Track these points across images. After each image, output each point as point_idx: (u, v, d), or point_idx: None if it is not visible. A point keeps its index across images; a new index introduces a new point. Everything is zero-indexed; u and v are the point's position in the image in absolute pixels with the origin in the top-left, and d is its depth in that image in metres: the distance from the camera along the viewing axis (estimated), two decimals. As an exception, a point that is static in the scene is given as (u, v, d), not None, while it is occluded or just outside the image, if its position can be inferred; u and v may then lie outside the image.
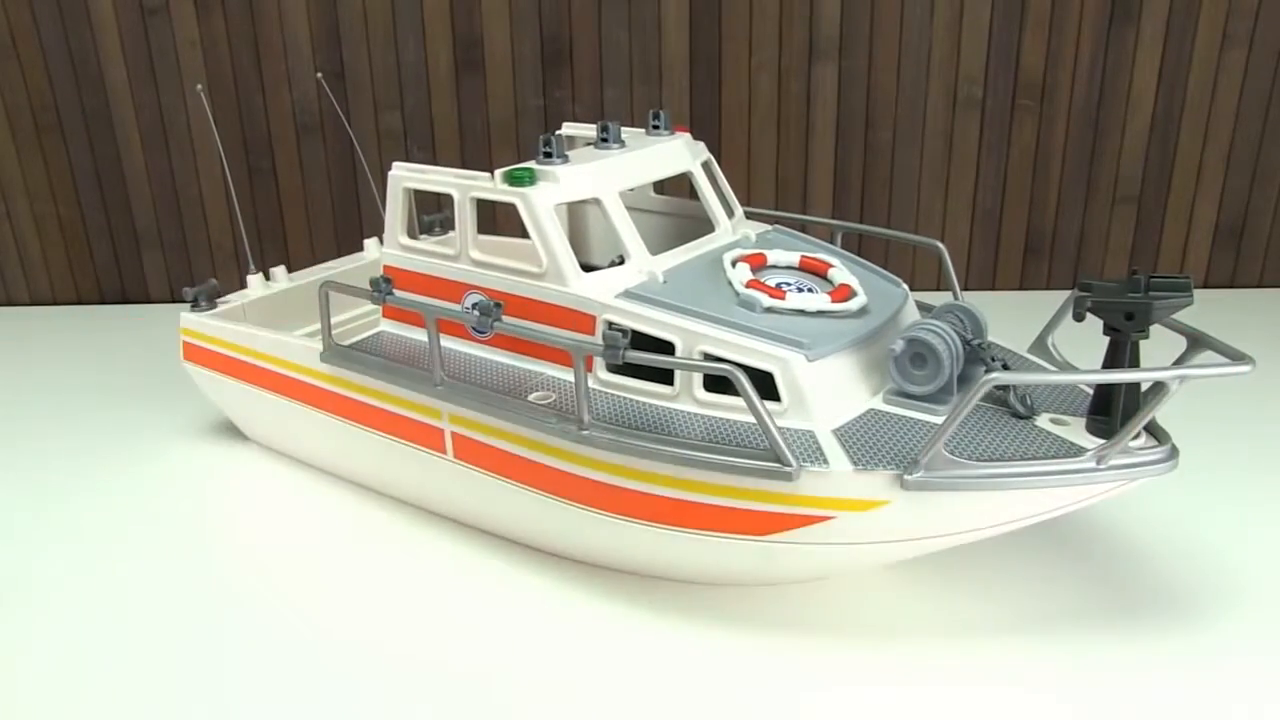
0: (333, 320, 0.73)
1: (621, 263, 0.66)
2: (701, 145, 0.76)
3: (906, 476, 0.53)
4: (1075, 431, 0.57)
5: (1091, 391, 0.58)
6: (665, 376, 0.61)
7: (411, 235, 0.74)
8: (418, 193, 0.73)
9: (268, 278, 0.89)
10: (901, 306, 0.65)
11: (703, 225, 0.73)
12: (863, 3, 1.11)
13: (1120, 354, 0.56)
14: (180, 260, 1.24)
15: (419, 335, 0.73)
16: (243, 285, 0.88)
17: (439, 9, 1.13)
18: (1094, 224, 1.18)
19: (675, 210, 0.81)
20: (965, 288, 1.19)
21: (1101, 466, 0.53)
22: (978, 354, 0.61)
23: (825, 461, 0.54)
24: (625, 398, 0.63)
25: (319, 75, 1.13)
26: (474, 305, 0.69)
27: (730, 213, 0.74)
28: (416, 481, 0.73)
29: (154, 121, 1.17)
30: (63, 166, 1.19)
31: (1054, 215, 1.18)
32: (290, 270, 0.91)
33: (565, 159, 0.67)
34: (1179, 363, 0.56)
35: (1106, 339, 0.56)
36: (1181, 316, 0.56)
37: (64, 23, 1.13)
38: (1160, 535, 0.69)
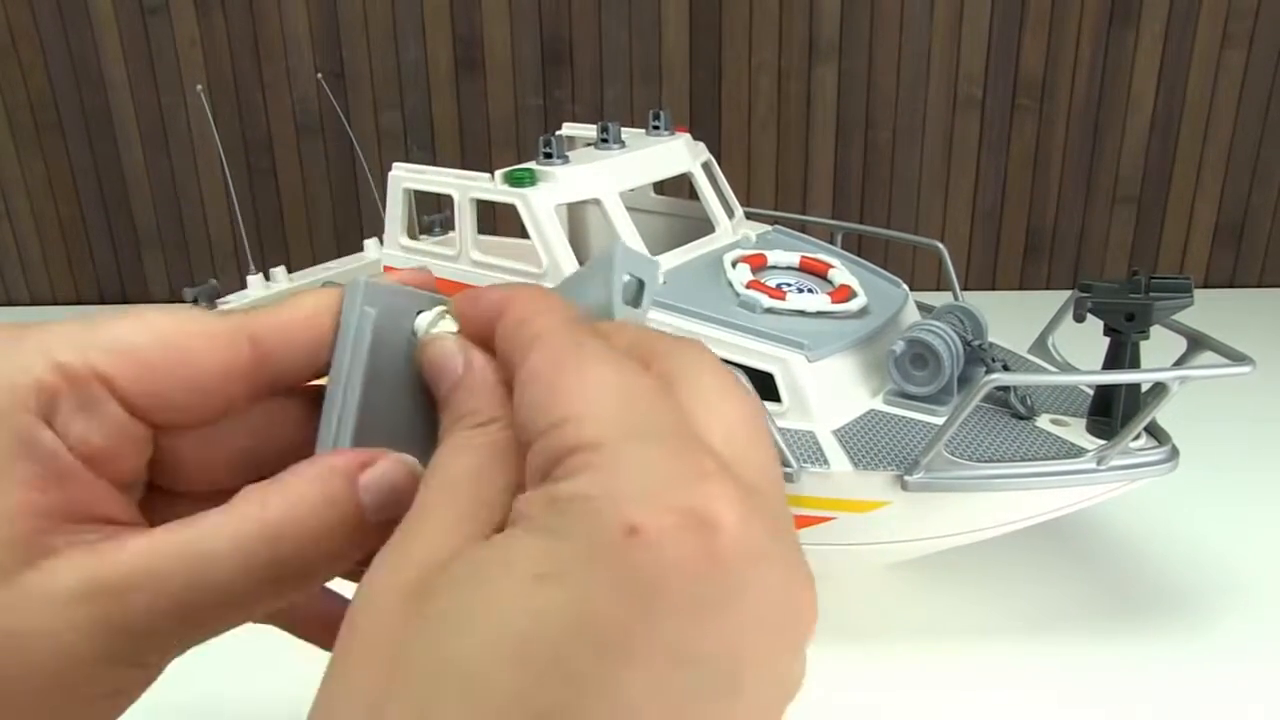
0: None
1: (622, 263, 0.66)
2: (701, 145, 0.76)
3: (907, 477, 0.53)
4: (1076, 432, 0.57)
5: (1092, 392, 0.58)
6: (666, 377, 0.61)
7: (411, 235, 0.74)
8: (418, 193, 0.73)
9: (268, 278, 0.89)
10: (902, 307, 0.65)
11: (703, 226, 0.73)
12: (863, 3, 1.11)
13: (1121, 355, 0.56)
14: (180, 260, 1.24)
15: (419, 336, 0.73)
16: (243, 285, 0.87)
17: (439, 9, 1.13)
18: (1094, 224, 1.18)
19: (675, 211, 0.81)
20: (965, 288, 1.19)
21: (1102, 467, 0.53)
22: (978, 354, 0.61)
23: (826, 462, 0.54)
24: (625, 398, 0.63)
25: (319, 76, 1.13)
26: (474, 306, 0.69)
27: (730, 213, 0.74)
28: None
29: (154, 121, 1.17)
30: (63, 166, 1.19)
31: (1054, 215, 1.18)
32: (290, 270, 0.91)
33: (565, 159, 0.67)
34: (1179, 363, 0.56)
35: (1107, 339, 0.56)
36: (1181, 317, 0.56)
37: (64, 23, 1.13)
38: (1160, 535, 0.69)
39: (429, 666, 0.20)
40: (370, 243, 0.96)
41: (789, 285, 0.65)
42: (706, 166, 0.74)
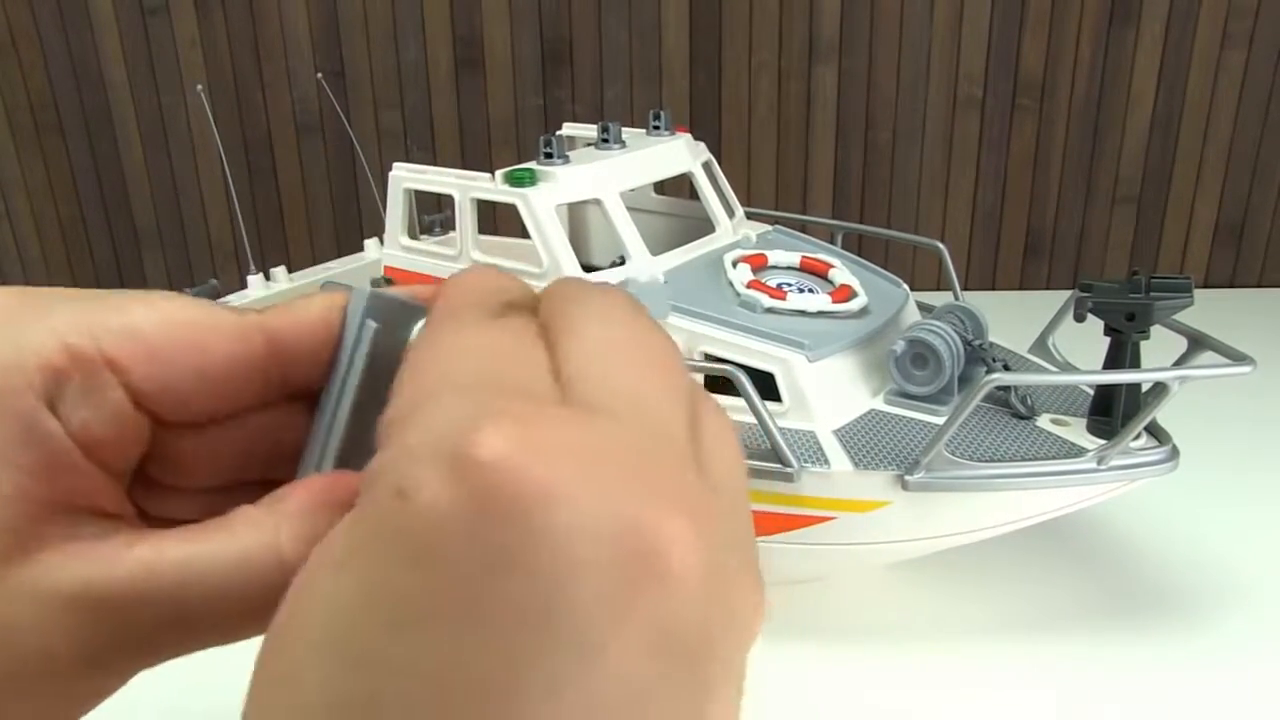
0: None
1: (622, 263, 0.66)
2: (702, 145, 0.76)
3: (907, 477, 0.53)
4: (1076, 432, 0.57)
5: (1092, 392, 0.58)
6: (666, 377, 0.61)
7: (412, 235, 0.74)
8: (418, 193, 0.73)
9: (268, 278, 0.89)
10: (902, 307, 0.65)
11: (703, 226, 0.73)
12: (863, 3, 1.11)
13: (1121, 354, 0.56)
14: (180, 260, 1.23)
15: (419, 335, 0.73)
16: (243, 285, 0.87)
17: (439, 9, 1.13)
18: (1094, 224, 1.18)
19: (676, 210, 0.81)
20: (965, 288, 1.19)
21: (1102, 467, 0.53)
22: (978, 354, 0.61)
23: (826, 462, 0.54)
24: (626, 398, 0.63)
25: (319, 75, 1.13)
26: (475, 306, 0.69)
27: (731, 213, 0.74)
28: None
29: (154, 121, 1.17)
30: (63, 166, 1.19)
31: (1054, 215, 1.18)
32: (290, 270, 0.91)
33: (566, 159, 0.67)
34: (1180, 363, 0.56)
35: (1107, 339, 0.56)
36: (1181, 317, 0.56)
37: (64, 23, 1.13)
38: (1160, 535, 0.69)
39: (264, 674, 0.19)
40: (370, 243, 0.96)
41: (789, 285, 0.65)
42: (707, 166, 0.74)
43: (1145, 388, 0.55)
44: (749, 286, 0.62)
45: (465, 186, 0.68)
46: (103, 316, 0.24)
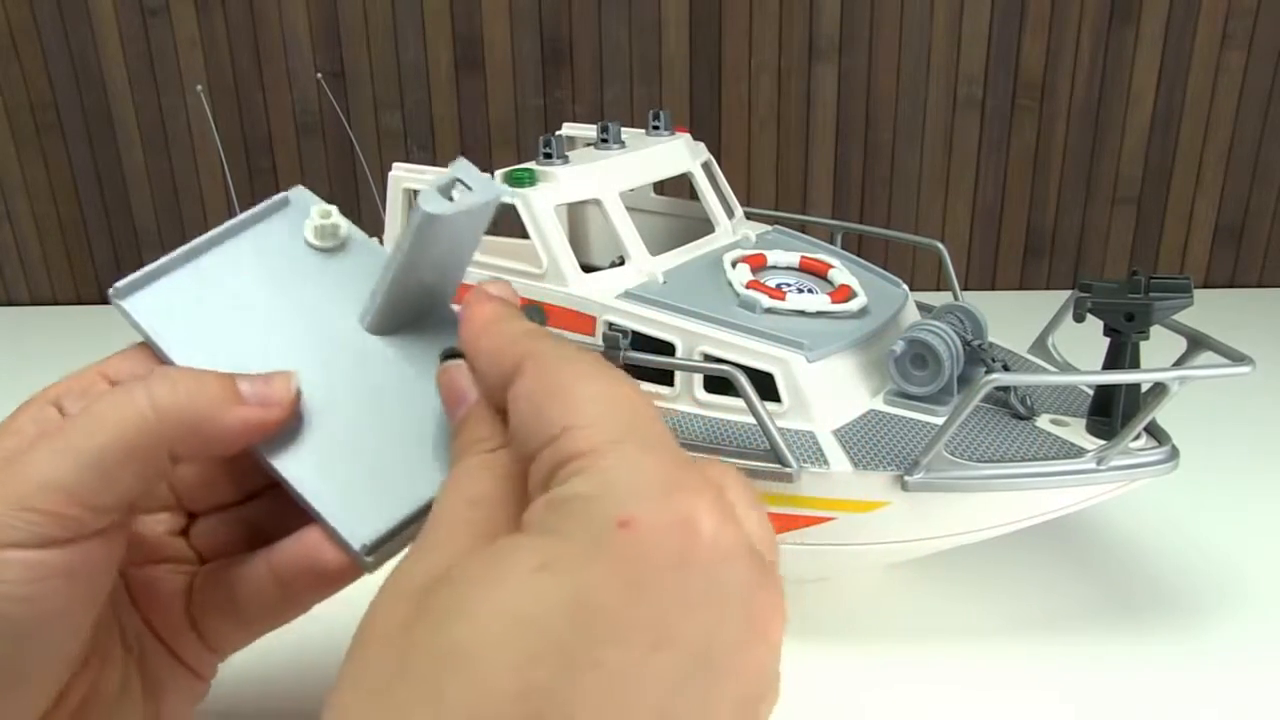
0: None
1: (621, 263, 0.66)
2: (701, 145, 0.76)
3: (907, 477, 0.53)
4: (1075, 432, 0.57)
5: (1092, 392, 0.58)
6: (665, 377, 0.61)
7: (412, 236, 0.74)
8: (417, 193, 0.73)
9: (268, 278, 0.89)
10: (902, 307, 0.65)
11: (703, 226, 0.73)
12: (863, 3, 1.11)
13: (1120, 355, 0.56)
14: (180, 260, 1.23)
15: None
16: (243, 285, 0.87)
17: (439, 9, 1.13)
18: (1094, 224, 1.18)
19: (675, 211, 0.81)
20: (965, 288, 1.19)
21: (1102, 467, 0.53)
22: (978, 354, 0.61)
23: (826, 462, 0.54)
24: (625, 398, 0.63)
25: (319, 75, 1.13)
26: (474, 306, 0.69)
27: (730, 213, 0.74)
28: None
29: (154, 121, 1.17)
30: (63, 166, 1.19)
31: (1054, 215, 1.18)
32: (290, 270, 0.90)
33: (565, 159, 0.67)
34: (1179, 363, 0.56)
35: (1107, 339, 0.56)
36: (1181, 317, 0.56)
37: (64, 23, 1.13)
38: (1160, 535, 0.69)
39: (434, 650, 0.22)
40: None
41: (789, 285, 0.65)
42: (706, 166, 0.74)
43: (1145, 388, 0.55)
44: (748, 287, 0.62)
45: (465, 186, 0.68)
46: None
